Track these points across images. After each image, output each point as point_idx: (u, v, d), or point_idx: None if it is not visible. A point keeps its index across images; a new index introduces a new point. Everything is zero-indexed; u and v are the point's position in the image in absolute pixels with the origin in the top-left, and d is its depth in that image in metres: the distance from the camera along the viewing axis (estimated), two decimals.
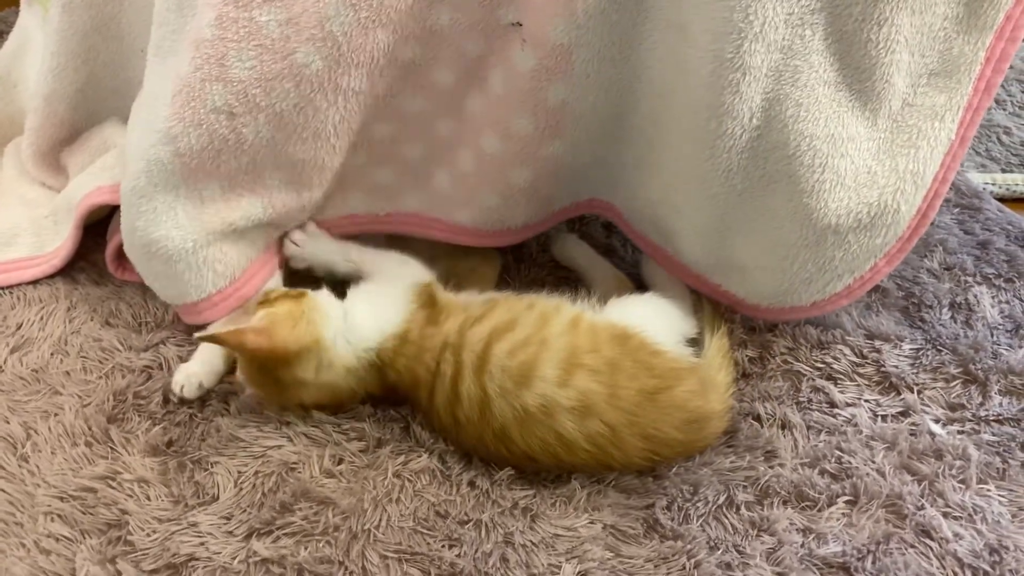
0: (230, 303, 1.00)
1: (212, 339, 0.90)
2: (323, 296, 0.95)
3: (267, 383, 0.92)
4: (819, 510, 0.85)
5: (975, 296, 1.09)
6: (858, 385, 0.99)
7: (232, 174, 0.95)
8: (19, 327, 1.04)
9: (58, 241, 1.12)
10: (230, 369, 0.97)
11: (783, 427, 0.94)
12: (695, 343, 0.97)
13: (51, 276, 1.11)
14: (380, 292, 0.97)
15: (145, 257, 0.98)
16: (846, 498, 0.86)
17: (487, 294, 0.99)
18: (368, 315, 0.94)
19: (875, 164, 0.89)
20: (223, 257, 0.98)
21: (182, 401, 0.95)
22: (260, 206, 0.97)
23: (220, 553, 0.81)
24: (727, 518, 0.85)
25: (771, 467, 0.89)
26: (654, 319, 0.94)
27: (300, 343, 0.89)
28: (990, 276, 1.13)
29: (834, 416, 0.95)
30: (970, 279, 1.13)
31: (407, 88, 0.95)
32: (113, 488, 0.86)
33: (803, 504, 0.86)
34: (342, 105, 0.92)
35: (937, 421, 0.94)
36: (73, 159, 1.19)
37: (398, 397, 0.95)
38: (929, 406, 0.96)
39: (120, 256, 1.06)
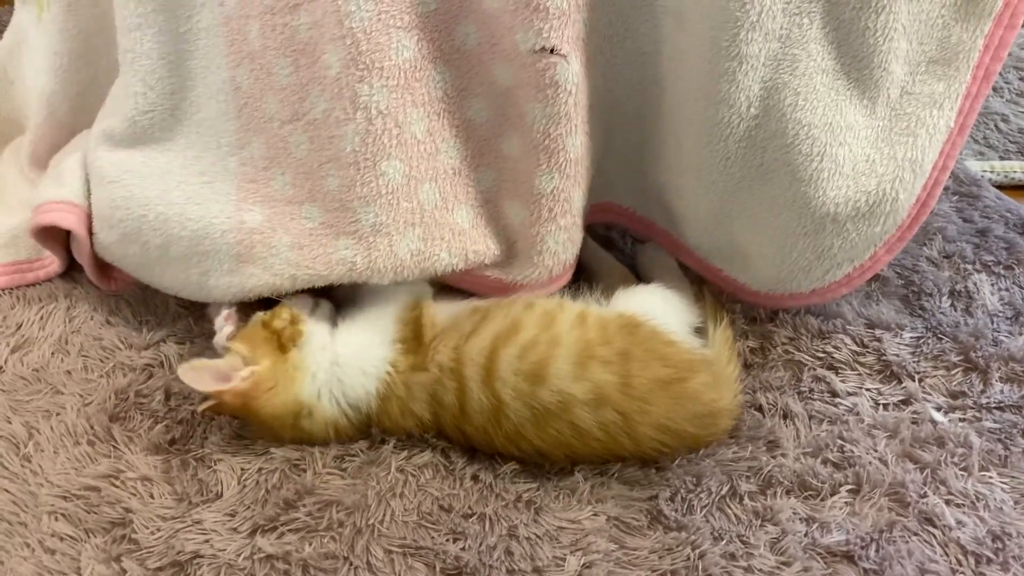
0: None
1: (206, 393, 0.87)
2: (315, 340, 0.91)
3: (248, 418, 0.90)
4: (822, 499, 0.85)
5: (975, 284, 1.09)
6: (859, 374, 0.99)
7: (276, 190, 0.95)
8: (19, 327, 1.04)
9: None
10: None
11: (785, 417, 0.94)
12: (695, 332, 0.97)
13: None
14: (367, 327, 0.93)
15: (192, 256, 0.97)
16: (849, 487, 0.86)
17: (470, 302, 0.95)
18: (355, 370, 0.90)
19: (873, 152, 0.89)
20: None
21: None
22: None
23: (225, 550, 0.81)
24: (730, 508, 0.85)
25: (773, 457, 0.89)
26: (663, 308, 0.94)
27: (276, 408, 0.88)
28: (989, 264, 1.13)
29: (836, 405, 0.95)
30: (969, 267, 1.13)
31: (446, 127, 0.92)
32: (116, 487, 0.86)
33: (806, 493, 0.86)
34: (362, 122, 0.88)
35: (938, 409, 0.95)
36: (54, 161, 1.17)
37: None
38: (930, 394, 0.96)
39: (102, 266, 1.06)
